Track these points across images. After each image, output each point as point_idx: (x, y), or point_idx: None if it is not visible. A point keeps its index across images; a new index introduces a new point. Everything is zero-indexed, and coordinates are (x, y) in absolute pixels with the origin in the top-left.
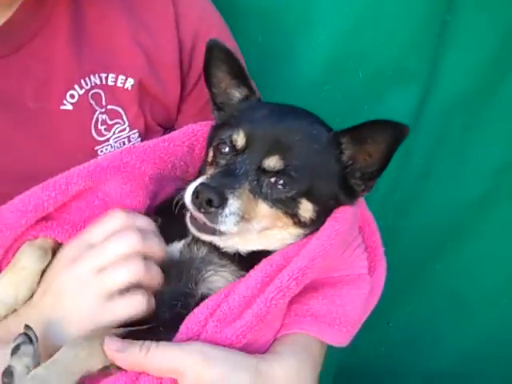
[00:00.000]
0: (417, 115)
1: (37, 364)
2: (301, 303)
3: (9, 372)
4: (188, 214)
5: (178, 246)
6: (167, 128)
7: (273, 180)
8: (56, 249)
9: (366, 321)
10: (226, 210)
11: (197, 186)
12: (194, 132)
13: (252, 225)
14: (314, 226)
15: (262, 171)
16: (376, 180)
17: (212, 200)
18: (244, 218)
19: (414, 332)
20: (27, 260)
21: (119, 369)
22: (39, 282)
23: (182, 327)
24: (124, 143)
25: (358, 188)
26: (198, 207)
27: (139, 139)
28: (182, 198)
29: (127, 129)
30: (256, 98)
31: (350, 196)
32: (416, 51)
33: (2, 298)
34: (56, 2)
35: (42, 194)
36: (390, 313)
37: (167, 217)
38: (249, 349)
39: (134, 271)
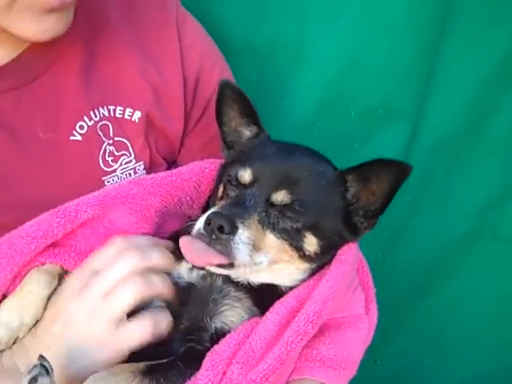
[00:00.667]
0: (406, 153)
1: None
2: (310, 348)
3: None
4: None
5: (194, 276)
6: (170, 161)
7: (280, 213)
8: (62, 275)
9: None
10: (237, 238)
11: (209, 214)
12: (201, 169)
13: (261, 256)
14: (319, 260)
15: (270, 204)
16: (378, 218)
17: (223, 226)
18: (255, 247)
19: (401, 369)
20: (34, 285)
21: None
22: (45, 310)
23: (207, 364)
24: (130, 174)
25: (360, 225)
26: (210, 234)
27: (144, 171)
28: (191, 227)
29: (133, 160)
30: (265, 136)
31: (353, 233)
32: (405, 92)
33: (6, 321)
34: (68, 39)
35: (52, 221)
36: (376, 350)
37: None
38: None
39: (134, 289)
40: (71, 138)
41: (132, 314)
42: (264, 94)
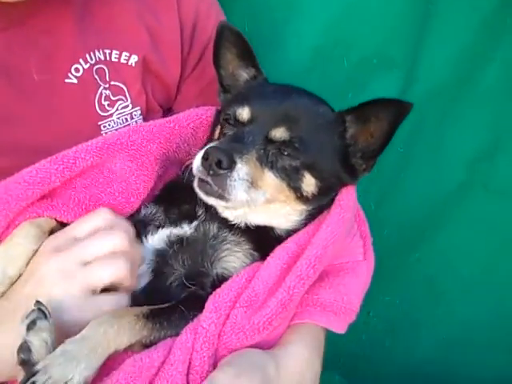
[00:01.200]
0: None
1: (53, 339)
2: (311, 293)
3: (26, 347)
4: (196, 179)
5: (187, 228)
6: (166, 108)
7: (279, 150)
8: (55, 230)
9: None
10: (235, 174)
11: (207, 149)
12: (198, 115)
13: (259, 194)
14: (315, 202)
15: (269, 141)
16: (376, 159)
17: (221, 161)
18: (252, 185)
19: (394, 320)
20: (22, 237)
21: (143, 347)
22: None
23: (210, 306)
24: (127, 120)
25: (359, 167)
26: (208, 170)
27: (141, 117)
28: (191, 164)
29: (130, 105)
30: (263, 78)
31: (352, 175)
32: (399, 40)
33: None
34: None
35: (50, 168)
36: (370, 302)
37: (169, 201)
38: (269, 336)
39: (119, 270)
40: (66, 80)
41: None
42: (258, 43)
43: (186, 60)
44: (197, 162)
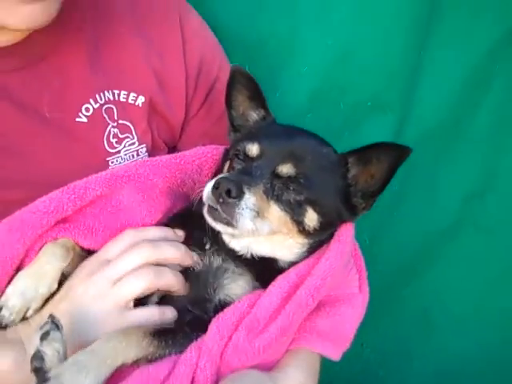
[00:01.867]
0: None
1: (65, 350)
2: (308, 321)
3: (39, 356)
4: (206, 207)
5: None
6: (170, 147)
7: (284, 184)
8: (76, 250)
9: None
10: (243, 203)
11: (218, 178)
12: (204, 153)
13: (264, 224)
14: (316, 237)
15: (276, 176)
16: (376, 199)
17: (231, 190)
18: (259, 215)
19: (387, 352)
20: (50, 256)
21: (148, 362)
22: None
23: (213, 329)
24: (133, 156)
25: (359, 206)
26: (217, 198)
27: (147, 154)
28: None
29: (136, 143)
30: (271, 119)
31: (352, 213)
32: (393, 85)
33: (21, 290)
34: (75, 23)
35: (63, 197)
36: (363, 334)
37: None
38: (268, 359)
39: (144, 280)
40: (77, 119)
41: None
42: None
43: (191, 102)
44: (207, 190)
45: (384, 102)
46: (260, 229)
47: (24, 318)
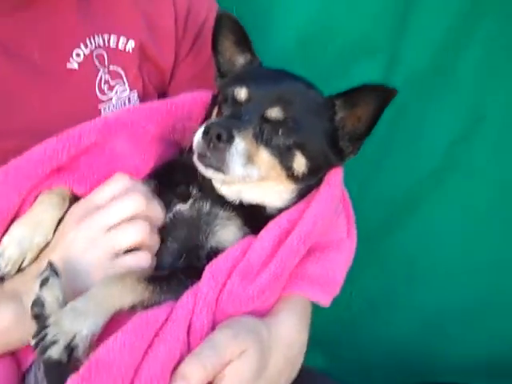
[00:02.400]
0: None
1: (64, 296)
2: (299, 267)
3: (39, 302)
4: (196, 154)
5: (182, 207)
6: (160, 93)
7: (273, 129)
8: (72, 199)
9: None
10: (233, 148)
11: (207, 124)
12: (193, 98)
13: (253, 169)
14: (305, 182)
15: (265, 120)
16: (363, 142)
17: (221, 135)
18: (249, 160)
19: (375, 300)
20: (46, 205)
21: (145, 308)
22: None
23: (207, 274)
24: (125, 103)
25: (346, 149)
26: (208, 143)
27: (138, 100)
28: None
29: (127, 89)
30: (258, 63)
31: (339, 157)
32: (381, 27)
33: (18, 240)
34: None
35: (57, 145)
36: (352, 283)
37: (166, 181)
38: (262, 305)
39: (140, 232)
40: (68, 65)
41: None
42: None
43: (180, 45)
44: (197, 137)
45: (372, 44)
46: (250, 174)
47: (19, 270)
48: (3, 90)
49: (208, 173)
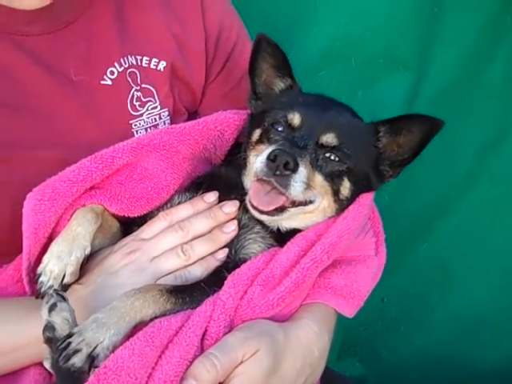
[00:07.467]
0: (410, 101)
1: (74, 317)
2: (323, 277)
3: (50, 327)
4: (247, 199)
5: None
6: (191, 111)
7: (328, 155)
8: (105, 214)
9: None
10: (297, 176)
11: (274, 150)
12: (226, 118)
13: (311, 195)
14: (344, 205)
15: (319, 146)
16: (403, 168)
17: (289, 163)
18: (308, 186)
19: (407, 306)
20: (81, 219)
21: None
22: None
23: (229, 283)
24: (155, 119)
25: (386, 174)
26: (274, 170)
27: (168, 117)
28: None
29: (158, 107)
30: (298, 88)
31: (379, 180)
32: (405, 41)
33: (57, 255)
34: None
35: (91, 166)
36: (384, 289)
37: (208, 189)
38: (282, 312)
39: (178, 260)
40: (102, 82)
41: None
42: None
43: (210, 67)
44: (261, 163)
45: (396, 58)
46: (309, 201)
47: (63, 287)
48: (46, 103)
49: (261, 217)
